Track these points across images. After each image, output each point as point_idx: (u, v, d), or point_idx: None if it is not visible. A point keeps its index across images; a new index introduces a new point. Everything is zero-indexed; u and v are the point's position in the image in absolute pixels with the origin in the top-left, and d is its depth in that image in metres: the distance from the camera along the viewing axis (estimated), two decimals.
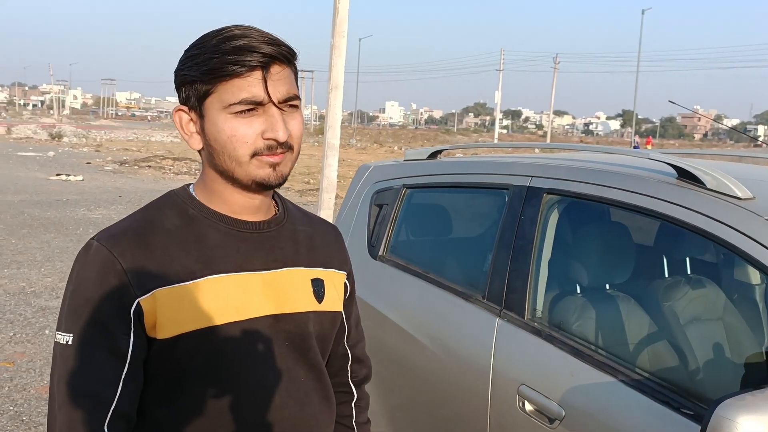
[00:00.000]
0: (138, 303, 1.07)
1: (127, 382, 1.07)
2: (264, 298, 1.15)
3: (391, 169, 2.85)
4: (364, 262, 2.73)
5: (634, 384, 1.75)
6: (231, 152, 1.10)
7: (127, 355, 1.07)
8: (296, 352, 1.20)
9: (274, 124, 1.09)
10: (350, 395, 1.42)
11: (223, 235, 1.15)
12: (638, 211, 1.92)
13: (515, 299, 2.10)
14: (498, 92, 49.78)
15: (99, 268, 1.07)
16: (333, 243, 1.35)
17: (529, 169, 2.25)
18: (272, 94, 1.09)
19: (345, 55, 10.20)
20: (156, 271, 1.08)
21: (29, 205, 12.03)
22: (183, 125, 1.15)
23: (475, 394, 2.10)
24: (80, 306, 1.07)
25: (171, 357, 1.10)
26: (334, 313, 1.28)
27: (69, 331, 1.07)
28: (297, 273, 1.22)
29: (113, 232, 1.12)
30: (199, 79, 1.09)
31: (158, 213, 1.16)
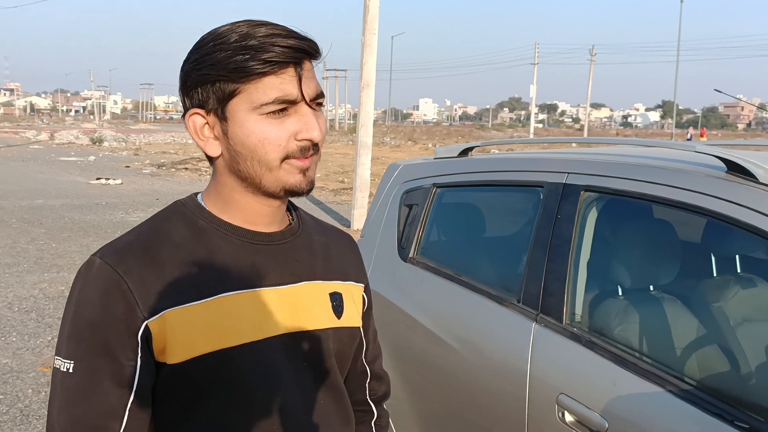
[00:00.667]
0: (146, 326, 0.97)
1: (134, 412, 0.98)
2: (281, 316, 1.07)
3: (421, 168, 2.76)
4: (394, 264, 2.64)
5: (683, 394, 1.63)
6: (261, 156, 1.01)
7: (133, 383, 0.98)
8: (315, 372, 1.11)
9: (309, 123, 1.01)
10: (370, 414, 1.33)
11: (236, 248, 1.06)
12: (684, 208, 1.79)
13: (552, 303, 1.99)
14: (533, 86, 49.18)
15: (102, 288, 0.98)
16: (349, 254, 1.26)
17: (564, 165, 2.13)
18: (305, 91, 1.00)
19: (376, 52, 10.13)
20: (165, 291, 0.99)
21: (70, 209, 12.25)
22: (198, 130, 1.04)
23: (512, 403, 1.99)
24: (82, 330, 0.98)
25: (182, 383, 1.01)
26: (354, 329, 1.19)
27: (70, 357, 0.97)
28: (315, 287, 1.13)
29: (117, 247, 1.03)
30: (223, 78, 0.98)
31: (166, 225, 1.06)
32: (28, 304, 6.15)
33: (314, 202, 13.69)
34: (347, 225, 11.05)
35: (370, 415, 1.33)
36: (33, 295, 6.43)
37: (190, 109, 1.03)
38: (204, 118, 1.03)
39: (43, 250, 8.50)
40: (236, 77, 0.98)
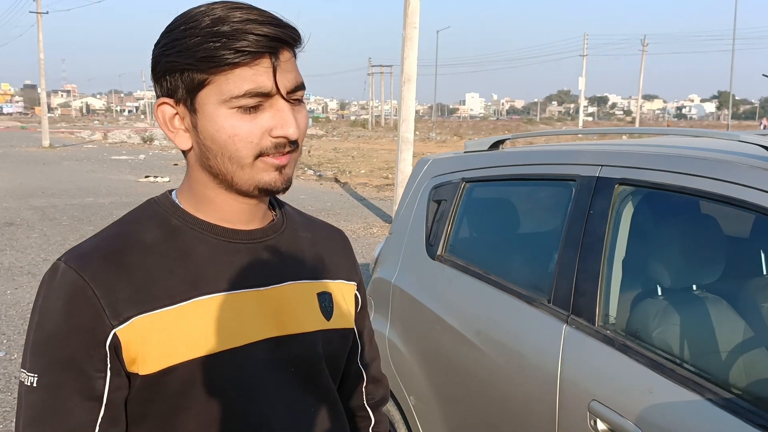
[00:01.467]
0: (114, 334, 0.90)
1: (105, 427, 0.91)
2: (263, 319, 0.99)
3: (450, 162, 2.66)
4: (422, 262, 2.55)
5: (726, 404, 1.50)
6: (232, 153, 0.93)
7: (102, 396, 0.91)
8: (303, 378, 1.03)
9: (285, 119, 0.92)
10: (367, 420, 1.25)
11: (212, 248, 0.98)
12: (727, 202, 1.65)
13: (584, 303, 1.87)
14: (582, 78, 48.20)
15: (66, 295, 0.90)
16: (339, 250, 1.17)
17: (598, 157, 2.01)
18: (281, 84, 0.92)
19: (417, 46, 10.01)
20: (134, 296, 0.92)
21: (118, 206, 12.52)
22: (167, 121, 0.96)
23: (541, 409, 1.89)
24: (45, 341, 0.91)
25: (157, 395, 0.93)
26: (345, 331, 1.11)
27: (33, 371, 0.91)
28: (301, 287, 1.05)
29: (83, 250, 0.95)
30: (191, 67, 0.90)
31: (136, 226, 0.99)
32: None
33: (357, 198, 13.66)
34: (389, 221, 11.00)
35: (368, 421, 1.25)
36: None
37: (160, 97, 0.96)
38: (173, 108, 0.96)
39: None
40: (205, 66, 0.90)
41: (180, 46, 0.90)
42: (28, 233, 9.58)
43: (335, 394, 1.10)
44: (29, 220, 10.77)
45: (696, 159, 1.76)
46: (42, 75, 32.70)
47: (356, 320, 1.17)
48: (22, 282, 6.87)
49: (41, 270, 7.35)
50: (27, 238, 9.19)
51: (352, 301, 1.16)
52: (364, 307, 1.21)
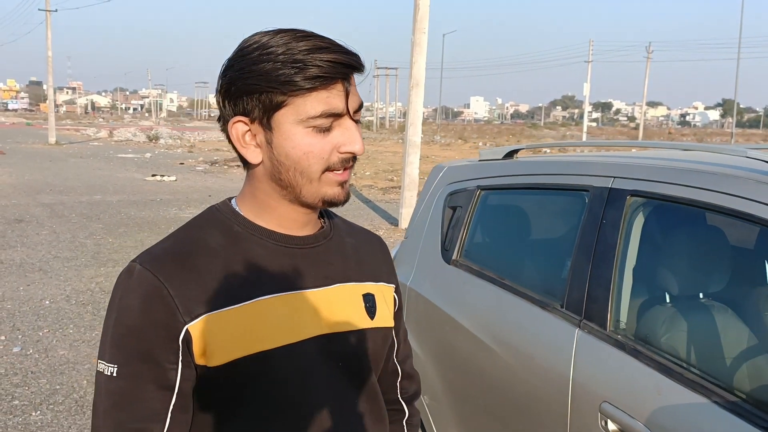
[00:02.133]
0: (186, 330, 1.00)
1: (176, 414, 1.00)
2: (315, 318, 1.08)
3: (465, 170, 2.74)
4: (438, 266, 2.64)
5: (731, 406, 1.58)
6: (305, 168, 1.03)
7: (175, 385, 1.00)
8: (349, 373, 1.13)
9: (352, 137, 1.03)
10: (402, 413, 1.34)
11: (271, 252, 1.08)
12: (734, 215, 1.74)
13: (596, 309, 1.95)
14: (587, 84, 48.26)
15: (144, 294, 1.00)
16: (379, 254, 1.27)
17: (610, 169, 2.09)
18: (350, 106, 1.03)
19: (426, 51, 10.11)
20: (204, 295, 1.01)
21: (126, 205, 12.63)
22: (240, 137, 1.05)
23: (553, 409, 1.97)
24: (124, 335, 1.00)
25: (221, 385, 1.03)
26: (387, 329, 1.21)
27: (113, 362, 1.00)
28: (348, 289, 1.14)
29: (156, 254, 1.05)
30: (271, 90, 1.00)
31: (201, 231, 1.08)
32: (85, 297, 6.37)
33: (363, 200, 13.75)
34: (395, 224, 11.08)
35: (402, 414, 1.34)
36: (90, 289, 6.65)
37: (233, 116, 1.05)
38: (247, 125, 1.04)
39: (100, 245, 8.79)
40: (286, 90, 0.99)
41: (259, 70, 0.99)
42: (38, 230, 9.69)
43: (377, 388, 1.19)
44: (39, 216, 10.88)
45: (705, 173, 1.84)
46: (50, 72, 32.84)
47: (394, 320, 1.26)
48: (34, 278, 6.97)
49: (52, 267, 7.46)
50: (37, 235, 9.30)
51: (392, 301, 1.25)
52: (401, 308, 1.31)
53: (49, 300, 6.21)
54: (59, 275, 7.13)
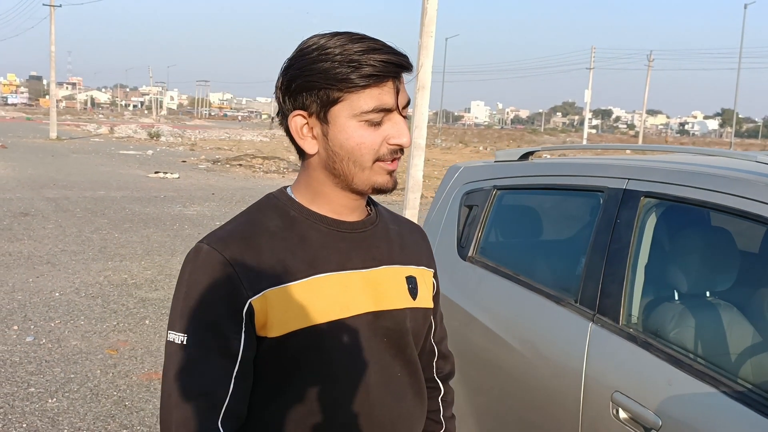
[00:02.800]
0: (250, 303, 1.09)
1: (238, 380, 1.10)
2: (364, 296, 1.18)
3: (482, 171, 2.84)
4: (454, 262, 2.73)
5: (738, 396, 1.68)
6: (357, 158, 1.13)
7: (238, 354, 1.10)
8: (393, 348, 1.22)
9: (401, 130, 1.14)
10: (437, 390, 1.44)
11: (324, 235, 1.18)
12: (744, 216, 1.84)
13: (609, 304, 2.05)
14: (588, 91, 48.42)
15: (211, 271, 1.10)
16: (420, 241, 1.37)
17: (625, 171, 2.19)
18: (400, 102, 1.13)
19: (432, 55, 10.21)
20: (265, 272, 1.11)
21: (130, 201, 12.71)
22: (298, 129, 1.15)
23: (567, 399, 2.06)
24: (194, 307, 1.10)
25: (279, 355, 1.13)
26: (427, 310, 1.31)
27: (183, 332, 1.10)
28: (393, 271, 1.24)
29: (221, 235, 1.15)
30: (329, 87, 1.10)
31: (261, 215, 1.18)
32: (94, 290, 6.46)
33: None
34: None
35: (438, 392, 1.44)
36: (98, 282, 6.74)
37: (293, 110, 1.15)
38: (305, 119, 1.15)
39: (106, 240, 8.87)
40: (342, 87, 1.09)
41: (318, 69, 1.10)
42: (43, 224, 9.77)
43: (418, 364, 1.29)
44: (44, 210, 10.95)
45: (716, 176, 1.94)
46: (52, 67, 32.91)
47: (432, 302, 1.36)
48: (43, 271, 7.05)
49: (60, 260, 7.54)
50: (43, 229, 9.38)
51: (431, 285, 1.35)
52: (438, 291, 1.41)
53: (59, 292, 6.30)
54: (67, 268, 7.21)
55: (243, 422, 1.14)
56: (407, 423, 1.25)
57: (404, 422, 1.24)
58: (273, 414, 1.15)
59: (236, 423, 1.11)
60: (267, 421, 1.15)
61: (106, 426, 3.71)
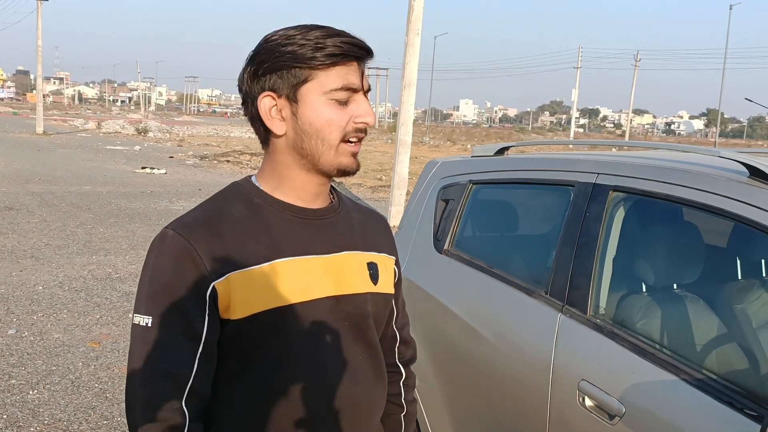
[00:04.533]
0: (213, 287, 1.14)
1: (202, 362, 1.14)
2: (326, 280, 1.22)
3: (458, 165, 2.89)
4: (430, 255, 2.78)
5: (698, 383, 1.73)
6: (325, 135, 1.18)
7: (201, 336, 1.14)
8: (355, 331, 1.27)
9: (366, 109, 1.20)
10: (399, 374, 1.49)
11: (287, 222, 1.22)
12: (707, 210, 1.89)
13: (578, 295, 2.10)
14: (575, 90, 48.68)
15: (176, 256, 1.14)
16: (382, 229, 1.42)
17: (594, 166, 2.25)
18: (364, 83, 1.20)
19: (419, 52, 10.26)
20: (228, 257, 1.15)
21: (116, 196, 12.67)
22: (267, 110, 1.19)
23: (536, 387, 2.11)
24: (158, 292, 1.13)
25: (242, 337, 1.17)
26: (387, 295, 1.36)
27: (148, 314, 1.13)
28: (354, 257, 1.29)
29: (186, 221, 1.19)
30: (299, 66, 1.15)
31: (226, 203, 1.23)
32: (78, 284, 6.45)
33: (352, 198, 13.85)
34: None
35: (399, 376, 1.49)
36: (82, 276, 6.74)
37: (262, 92, 1.19)
38: (274, 100, 1.19)
39: (91, 234, 8.85)
40: (311, 65, 1.15)
41: (286, 51, 1.15)
42: (28, 218, 9.73)
43: (379, 348, 1.34)
44: (29, 205, 10.90)
45: (681, 171, 2.00)
46: (39, 62, 32.65)
47: (394, 289, 1.40)
48: (27, 265, 7.03)
49: (44, 254, 7.53)
50: (28, 223, 9.34)
51: (392, 272, 1.40)
52: (400, 279, 1.46)
53: (42, 286, 6.30)
54: (51, 262, 7.20)
55: (207, 401, 1.17)
56: (367, 405, 1.29)
57: (364, 404, 1.28)
58: (237, 393, 1.19)
59: (200, 403, 1.15)
60: (231, 401, 1.20)
61: (87, 417, 3.73)
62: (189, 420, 1.13)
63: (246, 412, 1.19)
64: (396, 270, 1.43)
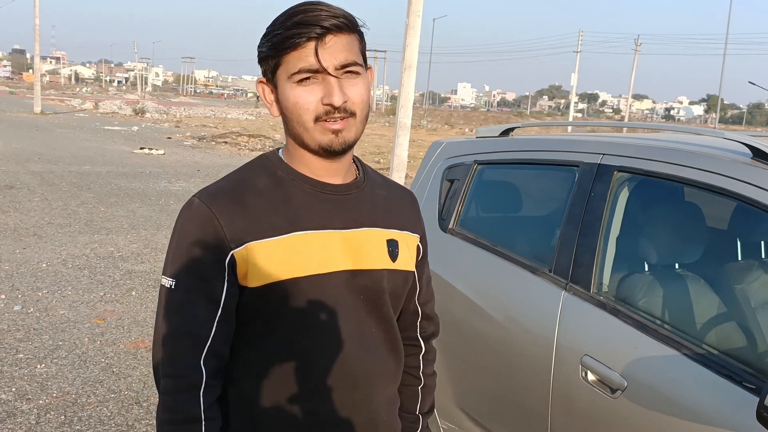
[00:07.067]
0: (232, 255, 1.19)
1: (221, 324, 1.20)
2: (343, 255, 1.26)
3: (464, 146, 2.93)
4: (434, 234, 2.82)
5: (698, 358, 1.78)
6: (298, 118, 1.21)
7: (220, 300, 1.20)
8: (370, 305, 1.30)
9: (330, 90, 1.18)
10: (419, 348, 1.52)
11: (307, 195, 1.26)
12: (711, 190, 1.92)
13: (582, 273, 2.15)
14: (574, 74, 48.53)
15: (199, 223, 1.19)
16: (409, 207, 1.44)
17: (600, 146, 2.29)
18: (325, 62, 1.17)
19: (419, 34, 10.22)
20: (249, 227, 1.20)
21: (116, 176, 12.67)
22: (265, 95, 1.26)
23: (539, 363, 2.16)
24: (182, 255, 1.20)
25: (259, 304, 1.22)
26: (407, 272, 1.37)
27: (172, 277, 1.20)
28: (374, 233, 1.32)
29: (212, 191, 1.24)
30: (270, 54, 1.20)
31: (251, 174, 1.27)
32: (81, 262, 6.50)
33: None
34: None
35: (419, 349, 1.52)
36: (85, 254, 6.78)
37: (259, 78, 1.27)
38: (267, 85, 1.26)
39: (92, 213, 8.88)
40: (275, 53, 1.19)
41: (265, 39, 1.21)
42: (29, 197, 9.74)
43: (393, 322, 1.37)
44: (29, 184, 10.91)
45: (685, 152, 2.04)
46: (36, 41, 32.44)
47: (417, 266, 1.44)
48: (30, 242, 7.07)
49: (46, 232, 7.56)
50: (29, 201, 9.36)
51: (415, 249, 1.42)
52: (425, 256, 1.49)
53: (45, 263, 6.34)
54: (54, 240, 7.24)
55: (225, 362, 1.23)
56: (380, 374, 1.33)
57: (377, 374, 1.32)
58: (255, 358, 1.25)
59: (219, 362, 1.22)
60: (249, 363, 1.25)
61: (95, 391, 3.79)
62: (206, 377, 1.19)
63: (263, 374, 1.25)
64: (420, 247, 1.45)
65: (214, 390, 1.22)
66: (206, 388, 1.19)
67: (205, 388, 1.19)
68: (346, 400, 1.28)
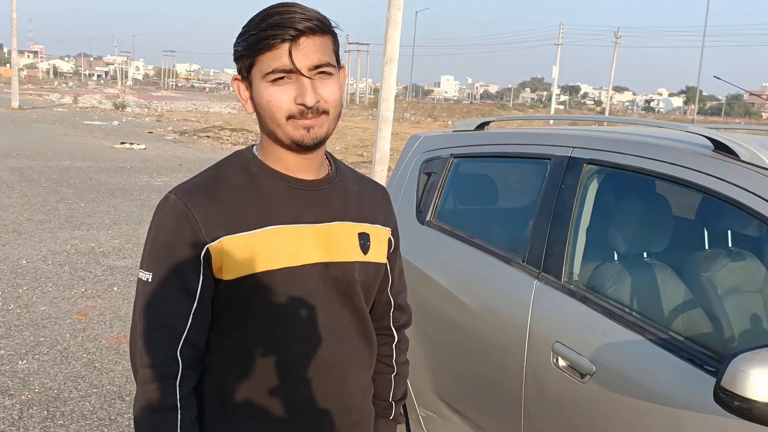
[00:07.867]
0: (207, 249, 1.23)
1: (197, 316, 1.25)
2: (315, 248, 1.31)
3: (440, 139, 2.98)
4: (412, 226, 2.88)
5: (663, 343, 1.84)
6: (271, 115, 1.25)
7: (196, 292, 1.24)
8: (342, 296, 1.35)
9: (303, 90, 1.22)
10: (391, 338, 1.58)
11: (281, 190, 1.30)
12: (675, 182, 1.99)
13: (553, 263, 2.21)
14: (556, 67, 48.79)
15: (175, 218, 1.24)
16: (380, 201, 1.49)
17: (570, 140, 2.35)
18: (298, 63, 1.21)
19: (401, 28, 10.26)
20: (223, 222, 1.24)
21: (96, 171, 12.59)
22: (240, 92, 1.31)
23: (513, 350, 2.23)
24: (159, 250, 1.25)
25: (234, 296, 1.27)
26: (378, 265, 1.43)
27: (149, 270, 1.25)
28: (345, 227, 1.36)
29: (187, 187, 1.28)
30: (245, 53, 1.24)
31: (226, 170, 1.32)
32: (62, 258, 6.48)
33: None
34: None
35: (391, 339, 1.58)
36: (65, 250, 6.76)
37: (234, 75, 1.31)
38: (242, 83, 1.30)
39: (72, 209, 8.84)
40: (250, 52, 1.24)
41: (241, 38, 1.25)
42: (8, 193, 9.67)
43: (365, 312, 1.42)
44: (8, 180, 10.82)
45: (650, 144, 2.11)
46: (14, 35, 32.00)
47: (389, 258, 1.49)
48: (9, 239, 7.03)
49: (26, 229, 7.52)
50: (8, 198, 9.29)
51: (386, 242, 1.47)
52: (397, 248, 1.54)
53: (25, 260, 6.31)
54: (33, 237, 7.20)
55: (201, 353, 1.28)
56: (353, 363, 1.39)
57: (350, 362, 1.38)
58: (229, 347, 1.30)
59: (196, 353, 1.26)
60: (224, 353, 1.30)
61: (77, 386, 3.81)
62: (182, 367, 1.24)
63: (238, 364, 1.30)
64: (392, 240, 1.51)
65: (191, 380, 1.26)
66: (182, 378, 1.24)
67: (181, 378, 1.24)
68: (320, 387, 1.33)
